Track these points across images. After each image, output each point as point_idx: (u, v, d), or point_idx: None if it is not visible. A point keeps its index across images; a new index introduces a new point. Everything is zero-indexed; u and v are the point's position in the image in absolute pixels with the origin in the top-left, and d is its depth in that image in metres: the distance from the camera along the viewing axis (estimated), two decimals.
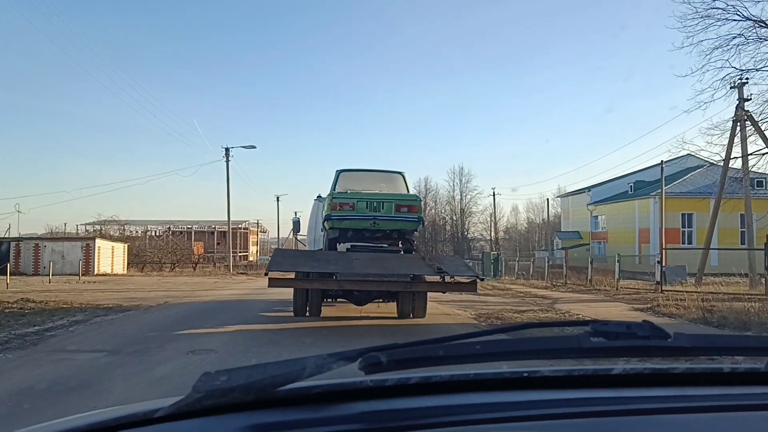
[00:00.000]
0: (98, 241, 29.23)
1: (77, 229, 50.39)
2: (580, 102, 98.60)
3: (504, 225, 66.87)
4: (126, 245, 33.16)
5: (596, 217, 49.88)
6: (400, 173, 11.26)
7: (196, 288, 20.19)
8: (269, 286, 8.83)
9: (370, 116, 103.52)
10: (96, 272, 28.35)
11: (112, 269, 30.21)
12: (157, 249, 41.53)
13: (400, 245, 10.76)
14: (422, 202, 11.51)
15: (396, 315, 10.52)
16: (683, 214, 39.79)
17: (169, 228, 68.22)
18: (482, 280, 10.62)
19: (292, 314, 10.06)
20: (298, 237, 15.89)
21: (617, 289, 20.21)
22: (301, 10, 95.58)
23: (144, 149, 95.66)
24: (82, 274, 28.00)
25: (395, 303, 10.59)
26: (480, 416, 0.94)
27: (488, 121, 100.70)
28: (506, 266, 37.10)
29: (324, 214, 10.47)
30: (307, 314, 9.86)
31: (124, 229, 52.97)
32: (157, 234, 63.52)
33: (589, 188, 50.79)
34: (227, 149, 33.93)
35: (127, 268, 33.15)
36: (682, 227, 39.78)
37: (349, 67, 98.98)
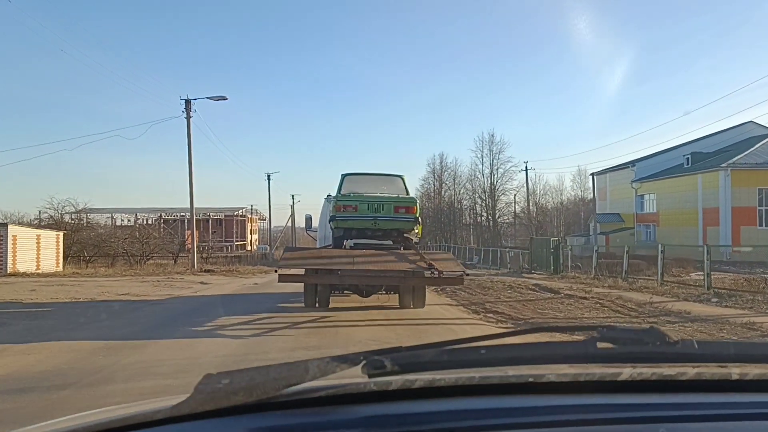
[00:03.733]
0: (13, 229, 22.47)
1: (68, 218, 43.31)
2: (599, 79, 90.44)
3: (517, 209, 59.17)
4: (60, 234, 26.31)
5: (642, 196, 42.19)
6: (399, 176, 12.31)
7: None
8: (279, 281, 9.83)
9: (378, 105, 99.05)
10: (10, 270, 21.77)
11: (37, 265, 23.60)
12: (122, 239, 34.99)
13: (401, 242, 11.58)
14: (418, 203, 11.81)
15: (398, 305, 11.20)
16: (760, 190, 31.92)
17: (161, 216, 63.03)
18: (467, 275, 10.96)
19: None
20: (310, 233, 16.25)
21: None
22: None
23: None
24: None
25: (397, 295, 11.31)
26: (484, 422, 0.93)
27: (498, 101, 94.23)
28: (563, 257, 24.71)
29: (330, 215, 11.58)
30: (317, 306, 10.62)
31: (108, 218, 47.15)
32: (148, 222, 58.36)
33: (633, 162, 42.98)
34: (188, 101, 26.01)
35: (65, 264, 26.49)
36: (759, 206, 31.99)
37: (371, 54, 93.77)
